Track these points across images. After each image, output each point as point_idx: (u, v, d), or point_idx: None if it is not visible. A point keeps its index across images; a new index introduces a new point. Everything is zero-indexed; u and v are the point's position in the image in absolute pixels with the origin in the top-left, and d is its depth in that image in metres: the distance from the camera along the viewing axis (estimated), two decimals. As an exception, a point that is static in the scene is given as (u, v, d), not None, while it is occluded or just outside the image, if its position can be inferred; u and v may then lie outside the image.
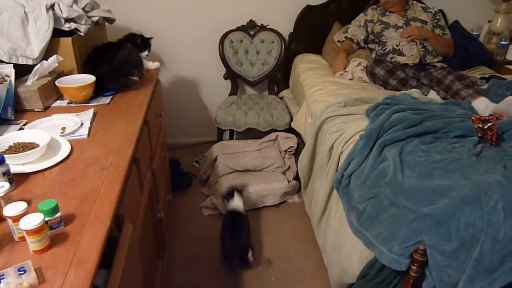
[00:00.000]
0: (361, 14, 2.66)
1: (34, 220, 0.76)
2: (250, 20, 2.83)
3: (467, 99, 1.99)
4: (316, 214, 1.94)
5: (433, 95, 2.20)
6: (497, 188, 1.17)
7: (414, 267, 1.22)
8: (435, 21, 2.55)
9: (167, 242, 1.94)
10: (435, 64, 2.46)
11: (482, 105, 1.94)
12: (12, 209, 0.79)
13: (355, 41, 2.65)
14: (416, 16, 2.52)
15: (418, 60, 2.42)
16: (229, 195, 2.13)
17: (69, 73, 1.63)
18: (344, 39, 2.69)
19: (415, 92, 2.06)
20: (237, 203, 2.09)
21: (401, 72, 2.32)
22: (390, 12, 2.54)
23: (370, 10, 2.63)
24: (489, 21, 2.95)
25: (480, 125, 1.55)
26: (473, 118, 1.60)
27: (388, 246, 1.25)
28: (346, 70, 2.51)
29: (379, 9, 2.60)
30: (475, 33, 2.94)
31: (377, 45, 2.56)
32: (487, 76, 2.44)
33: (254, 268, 1.98)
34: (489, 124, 1.52)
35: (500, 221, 1.11)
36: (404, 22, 2.49)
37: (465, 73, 2.32)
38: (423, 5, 2.61)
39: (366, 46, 2.68)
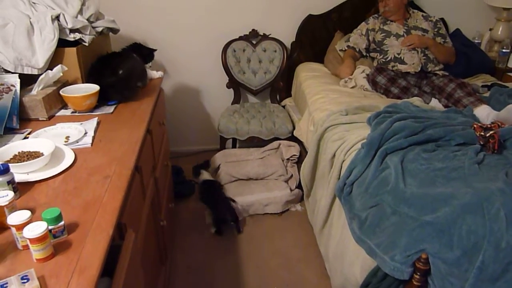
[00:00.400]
0: (363, 23, 2.68)
1: (37, 228, 0.77)
2: (253, 30, 2.85)
3: (469, 107, 1.99)
4: (318, 223, 1.94)
5: (434, 103, 2.20)
6: (499, 196, 1.17)
7: (416, 276, 1.22)
8: (436, 30, 2.56)
9: (169, 250, 1.94)
10: (437, 72, 2.47)
11: (484, 113, 1.94)
12: (16, 217, 0.80)
13: (357, 49, 2.66)
14: (417, 25, 2.53)
15: (419, 68, 2.43)
16: (197, 173, 2.55)
17: (74, 82, 1.65)
18: (346, 48, 2.70)
19: (416, 100, 2.07)
20: (206, 175, 2.50)
21: (403, 80, 2.33)
22: (391, 21, 2.56)
23: (372, 19, 2.65)
24: (491, 29, 2.96)
25: (482, 133, 1.55)
26: (475, 126, 1.60)
27: (390, 254, 1.25)
28: (351, 77, 2.52)
29: (380, 18, 2.62)
30: (476, 41, 2.95)
31: (378, 53, 2.57)
32: (489, 84, 2.44)
33: (256, 277, 1.98)
34: (491, 132, 1.52)
35: (502, 229, 1.11)
36: (404, 30, 2.51)
37: (466, 81, 2.33)
38: (424, 14, 2.62)
39: (367, 55, 2.69)
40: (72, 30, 1.63)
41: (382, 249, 1.30)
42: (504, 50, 2.76)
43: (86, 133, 1.32)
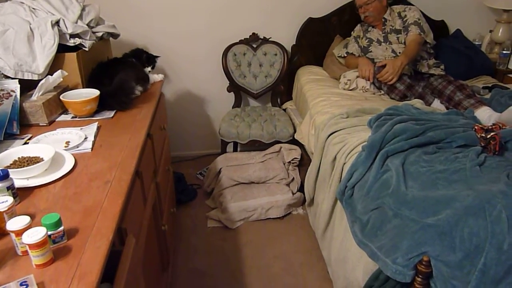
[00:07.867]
0: (352, 31, 2.70)
1: (37, 234, 0.77)
2: (253, 33, 2.86)
3: (470, 109, 1.98)
4: (320, 226, 1.93)
5: (437, 104, 2.20)
6: (500, 198, 1.16)
7: (418, 279, 1.21)
8: (404, 20, 2.49)
9: (171, 255, 1.94)
10: (432, 72, 2.44)
11: (485, 115, 1.94)
12: (15, 223, 0.80)
13: (356, 55, 2.67)
14: (393, 28, 2.51)
15: (412, 72, 2.42)
16: None
17: (74, 87, 1.65)
18: (345, 55, 2.69)
19: (417, 103, 2.07)
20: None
21: (407, 78, 2.32)
22: (372, 26, 2.57)
23: (358, 26, 2.68)
24: (491, 31, 2.96)
25: (483, 135, 1.54)
26: (476, 127, 1.60)
27: (392, 257, 1.24)
28: (350, 78, 2.50)
29: (365, 24, 2.63)
30: (477, 43, 2.95)
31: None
32: (490, 85, 2.44)
33: (258, 281, 1.97)
34: (492, 134, 1.52)
35: (504, 231, 1.10)
36: (383, 36, 2.51)
37: (465, 83, 2.30)
38: (400, 10, 2.54)
39: None
40: (72, 35, 1.63)
41: (384, 252, 1.29)
42: (504, 52, 2.76)
43: (86, 138, 1.32)
